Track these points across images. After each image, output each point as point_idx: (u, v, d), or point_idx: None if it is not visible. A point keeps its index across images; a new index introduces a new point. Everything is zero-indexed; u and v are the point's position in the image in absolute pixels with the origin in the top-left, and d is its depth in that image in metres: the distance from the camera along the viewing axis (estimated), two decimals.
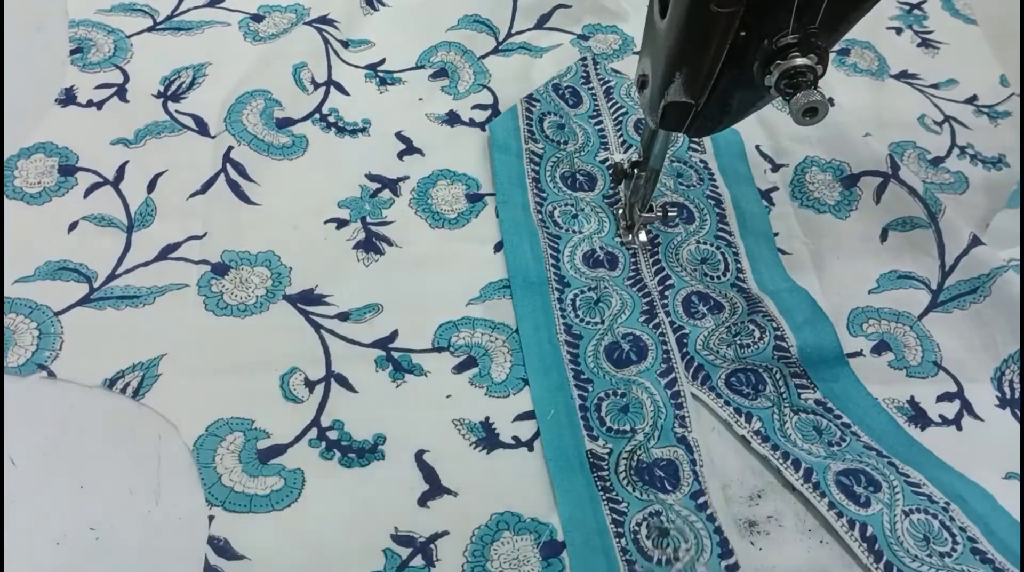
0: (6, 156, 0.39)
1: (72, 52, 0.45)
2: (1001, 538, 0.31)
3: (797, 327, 0.36)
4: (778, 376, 0.36)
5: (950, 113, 0.51)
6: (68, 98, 0.43)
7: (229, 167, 0.41)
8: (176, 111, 0.43)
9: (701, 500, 0.31)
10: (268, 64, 0.46)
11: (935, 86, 0.52)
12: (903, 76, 0.53)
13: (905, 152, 0.48)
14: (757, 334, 0.36)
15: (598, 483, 0.32)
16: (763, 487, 0.32)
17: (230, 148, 0.42)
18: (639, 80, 0.32)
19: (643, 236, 0.40)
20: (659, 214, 0.39)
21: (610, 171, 0.43)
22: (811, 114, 0.26)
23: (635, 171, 0.37)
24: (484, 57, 0.49)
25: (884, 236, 0.43)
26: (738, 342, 0.36)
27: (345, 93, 0.46)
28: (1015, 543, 0.31)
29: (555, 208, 0.42)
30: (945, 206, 0.41)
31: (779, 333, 0.36)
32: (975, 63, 0.54)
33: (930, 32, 0.56)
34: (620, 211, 0.41)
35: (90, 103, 0.43)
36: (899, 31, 0.56)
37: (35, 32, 0.46)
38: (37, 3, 0.47)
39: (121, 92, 0.44)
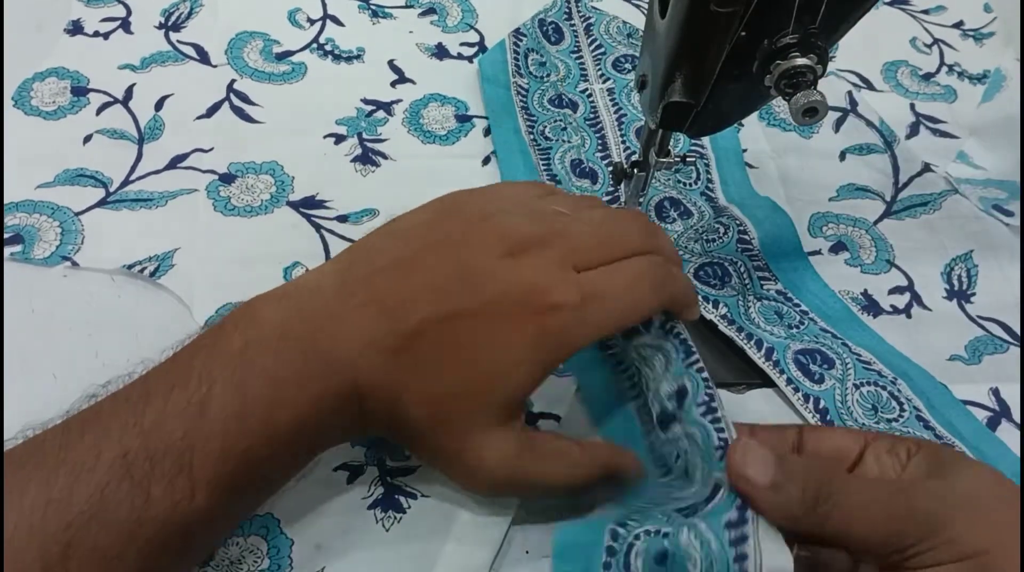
0: (21, 80, 0.44)
1: None
2: (941, 412, 0.35)
3: (758, 222, 0.41)
4: (742, 269, 0.40)
5: (939, 36, 0.55)
6: (76, 29, 0.47)
7: (232, 96, 0.45)
8: (178, 41, 0.48)
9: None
10: (264, 9, 0.50)
11: (925, 11, 0.57)
12: (896, 2, 0.57)
13: (898, 69, 0.53)
14: (721, 230, 0.41)
15: None
16: None
17: (233, 81, 0.46)
18: (639, 80, 0.33)
19: None
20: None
21: (610, 171, 0.46)
22: (811, 114, 0.27)
23: (635, 171, 0.38)
24: None
25: (842, 157, 0.48)
26: (704, 238, 0.41)
27: (340, 24, 0.51)
28: (953, 417, 0.35)
29: (545, 127, 0.46)
30: (900, 137, 0.47)
31: (742, 227, 0.41)
32: None
33: None
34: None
35: (97, 34, 0.47)
36: None
37: None
38: None
39: (125, 24, 0.48)
